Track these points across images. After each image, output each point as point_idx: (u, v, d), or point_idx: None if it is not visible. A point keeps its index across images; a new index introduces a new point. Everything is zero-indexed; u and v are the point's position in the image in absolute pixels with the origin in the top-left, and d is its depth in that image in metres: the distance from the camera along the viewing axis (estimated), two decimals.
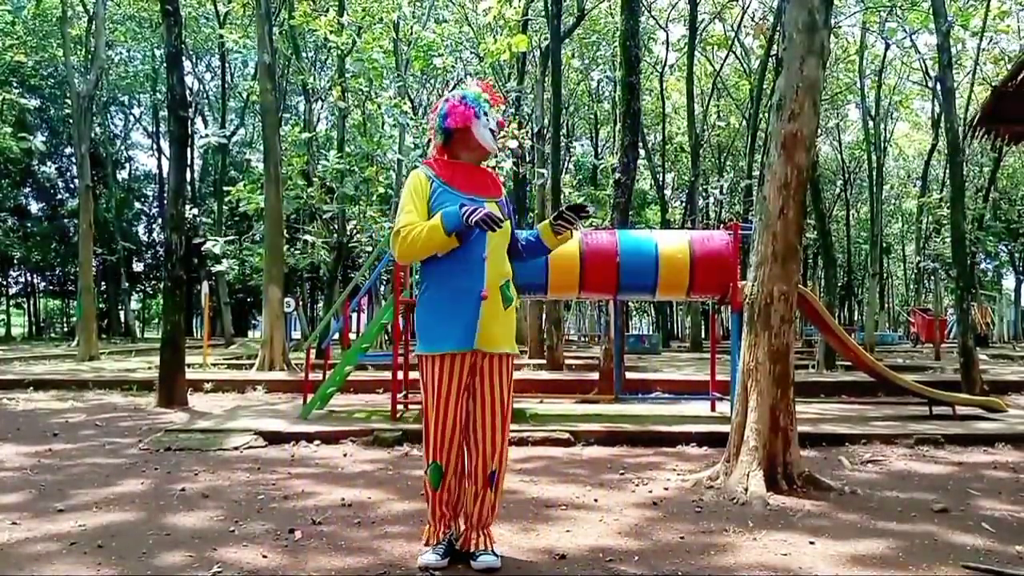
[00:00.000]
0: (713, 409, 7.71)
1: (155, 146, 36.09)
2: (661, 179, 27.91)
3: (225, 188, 18.15)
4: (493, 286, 2.96)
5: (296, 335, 22.18)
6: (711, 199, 29.69)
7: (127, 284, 32.85)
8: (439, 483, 3.01)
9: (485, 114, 3.04)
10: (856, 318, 39.13)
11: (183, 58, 9.62)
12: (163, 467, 5.03)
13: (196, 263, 25.81)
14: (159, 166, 35.90)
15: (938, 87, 17.25)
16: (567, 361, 13.34)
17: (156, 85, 30.58)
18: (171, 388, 8.25)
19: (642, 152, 23.72)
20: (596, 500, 4.17)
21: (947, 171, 15.42)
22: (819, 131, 5.40)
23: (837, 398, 9.26)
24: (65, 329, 40.27)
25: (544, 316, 15.24)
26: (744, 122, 25.70)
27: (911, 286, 40.22)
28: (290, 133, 17.33)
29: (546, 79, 16.38)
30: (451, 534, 3.09)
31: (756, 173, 17.00)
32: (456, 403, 2.95)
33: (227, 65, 26.14)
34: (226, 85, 25.56)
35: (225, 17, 22.25)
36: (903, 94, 27.74)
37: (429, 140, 3.22)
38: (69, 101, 20.53)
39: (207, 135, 19.91)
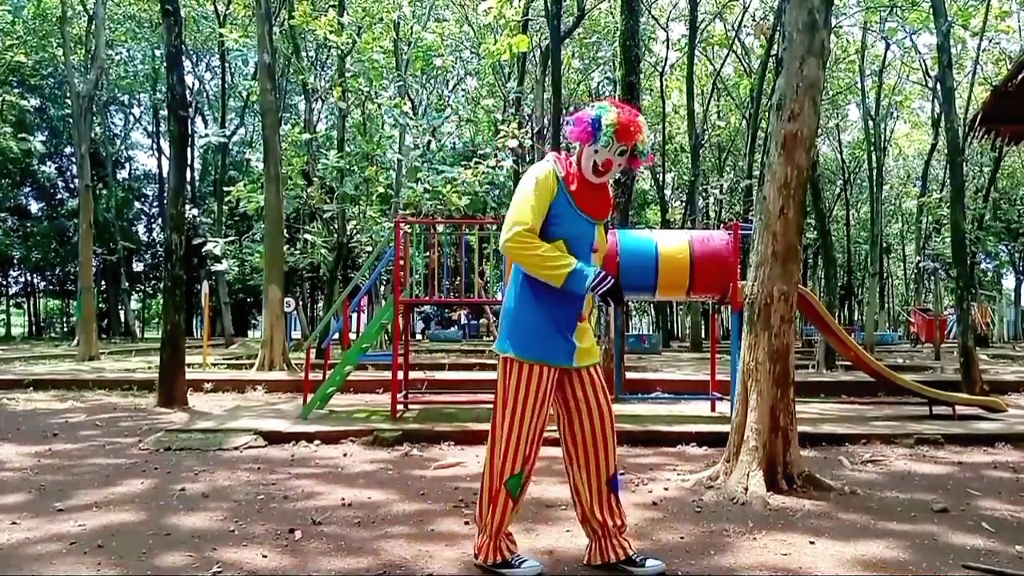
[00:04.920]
0: (713, 409, 7.71)
1: (155, 146, 36.11)
2: (661, 179, 27.91)
3: (225, 188, 18.15)
4: (588, 309, 3.01)
5: (296, 335, 22.16)
6: (711, 199, 29.69)
7: (127, 284, 32.84)
8: (519, 493, 2.92)
9: (606, 147, 2.85)
10: (856, 318, 39.13)
11: (183, 58, 9.62)
12: (163, 467, 5.03)
13: (196, 263, 25.82)
14: (159, 166, 35.94)
15: (938, 87, 17.27)
16: None
17: (156, 85, 30.56)
18: (171, 388, 8.25)
19: None
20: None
21: (947, 171, 15.42)
22: (819, 131, 5.40)
23: (837, 398, 9.26)
24: (65, 329, 40.27)
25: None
26: (744, 122, 25.70)
27: (911, 286, 40.24)
28: (290, 133, 17.32)
29: (546, 79, 16.40)
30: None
31: (756, 173, 17.01)
32: (542, 410, 2.89)
33: (227, 65, 26.13)
34: (226, 85, 25.55)
35: (225, 17, 22.26)
36: (903, 94, 27.73)
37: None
38: (69, 101, 20.53)
39: (207, 135, 19.92)
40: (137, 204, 38.61)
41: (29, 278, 40.28)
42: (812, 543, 3.38)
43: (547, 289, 2.87)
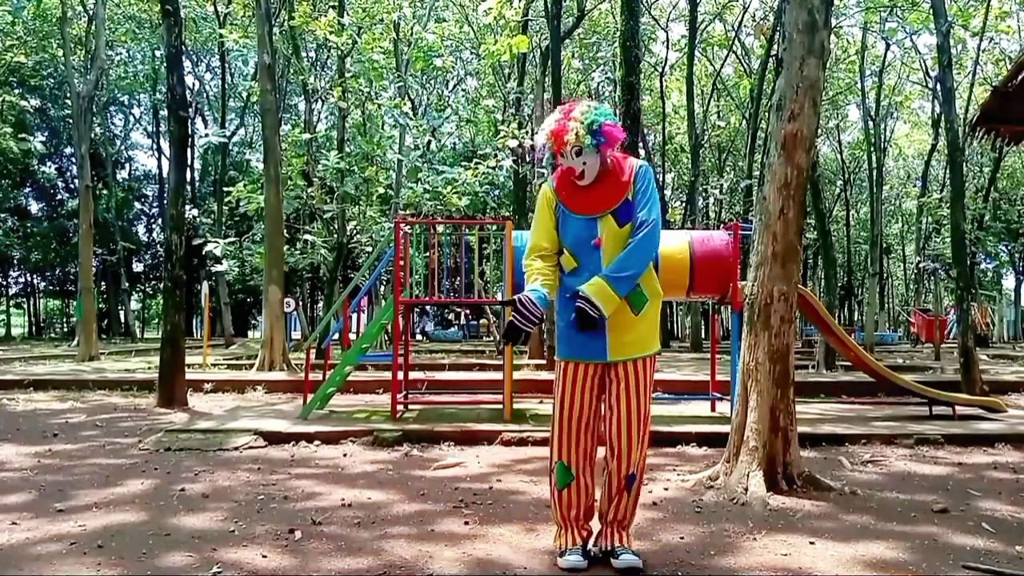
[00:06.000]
0: (713, 409, 7.72)
1: (155, 146, 36.10)
2: (661, 179, 27.89)
3: (225, 188, 18.13)
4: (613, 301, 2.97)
5: (296, 335, 22.15)
6: (711, 199, 29.69)
7: (127, 284, 32.82)
8: (565, 483, 3.06)
9: (562, 158, 3.01)
10: (856, 318, 39.12)
11: (183, 58, 9.62)
12: (163, 467, 5.03)
13: (196, 263, 25.81)
14: (159, 166, 35.93)
15: (938, 87, 17.27)
16: None
17: (156, 85, 30.55)
18: (171, 388, 8.25)
19: (642, 152, 23.72)
20: (596, 501, 4.16)
21: (947, 171, 15.42)
22: (819, 131, 5.40)
23: (837, 398, 9.26)
24: (65, 329, 40.25)
25: (544, 316, 15.22)
26: (744, 122, 25.69)
27: (911, 286, 40.22)
28: (290, 133, 17.31)
29: (546, 79, 16.39)
30: (581, 542, 3.09)
31: (756, 173, 16.99)
32: (585, 405, 3.03)
33: (227, 65, 26.12)
34: (226, 85, 25.53)
35: (225, 18, 22.25)
36: (903, 94, 27.72)
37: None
38: (69, 101, 20.53)
39: (207, 135, 19.92)
40: (137, 204, 38.60)
41: (29, 278, 40.26)
42: (812, 543, 3.38)
43: (567, 287, 3.07)
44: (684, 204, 28.03)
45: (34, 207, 36.68)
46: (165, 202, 17.73)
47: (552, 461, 3.09)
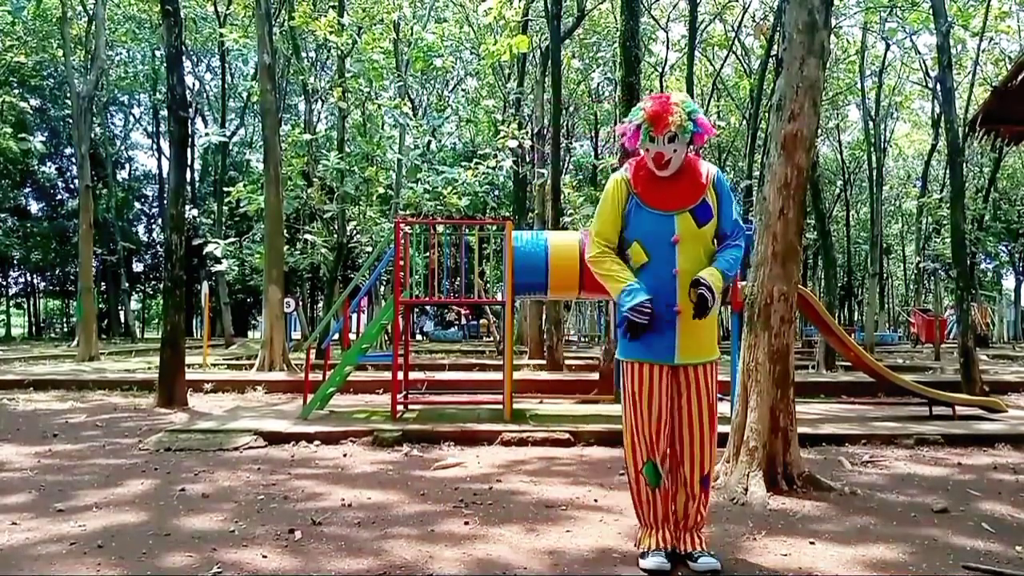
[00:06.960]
0: None
1: (155, 146, 36.08)
2: None
3: (225, 188, 18.14)
4: (687, 300, 2.97)
5: (296, 335, 22.14)
6: None
7: (127, 284, 32.81)
8: (657, 481, 3.06)
9: (652, 142, 2.98)
10: (856, 318, 39.12)
11: (183, 58, 9.62)
12: (163, 468, 5.03)
13: (196, 263, 25.80)
14: (159, 166, 35.91)
15: (938, 87, 17.26)
16: (567, 361, 13.35)
17: (156, 85, 30.55)
18: (171, 388, 8.25)
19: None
20: (596, 500, 4.17)
21: (947, 171, 15.42)
22: (819, 131, 5.40)
23: (837, 398, 9.25)
24: (65, 329, 40.23)
25: (544, 316, 15.25)
26: (744, 122, 25.68)
27: (911, 286, 40.21)
28: (290, 134, 17.31)
29: (546, 79, 16.39)
30: (666, 546, 3.07)
31: (756, 173, 16.99)
32: (661, 404, 3.03)
33: (227, 65, 26.12)
34: (226, 85, 25.53)
35: (225, 18, 22.25)
36: (903, 94, 27.71)
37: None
38: (69, 101, 20.53)
39: (207, 135, 19.91)
40: (137, 204, 38.59)
41: (29, 278, 40.24)
42: (812, 544, 3.38)
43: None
44: None
45: (34, 207, 36.68)
46: (165, 202, 17.73)
47: (637, 463, 3.06)
